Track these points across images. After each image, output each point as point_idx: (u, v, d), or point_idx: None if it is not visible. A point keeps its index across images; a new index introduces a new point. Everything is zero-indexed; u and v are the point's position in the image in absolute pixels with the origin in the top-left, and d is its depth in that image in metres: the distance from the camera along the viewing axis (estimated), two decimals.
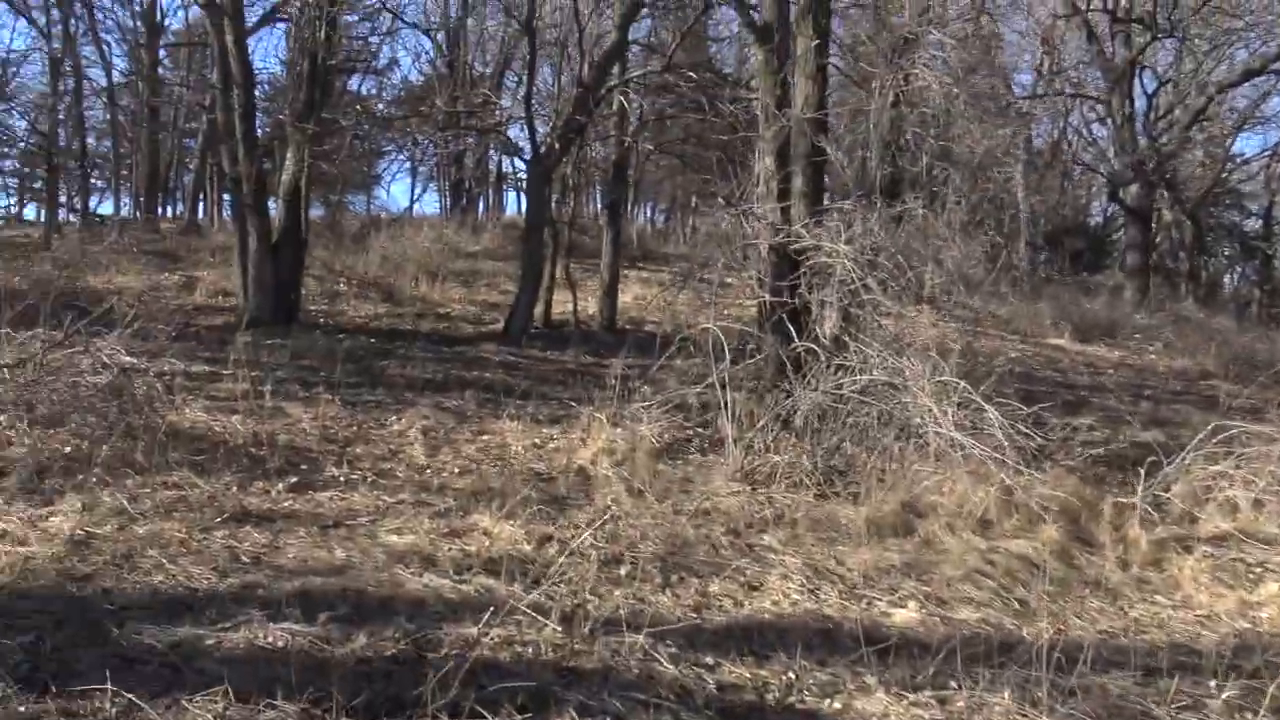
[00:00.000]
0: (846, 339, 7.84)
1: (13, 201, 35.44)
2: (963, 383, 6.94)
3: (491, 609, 4.23)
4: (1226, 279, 33.39)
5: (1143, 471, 8.02)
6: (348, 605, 4.41)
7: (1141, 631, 5.36)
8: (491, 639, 4.10)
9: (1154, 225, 23.94)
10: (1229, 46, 21.32)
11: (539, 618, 4.21)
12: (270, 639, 3.99)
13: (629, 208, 25.98)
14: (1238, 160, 29.77)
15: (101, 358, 7.12)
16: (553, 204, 15.33)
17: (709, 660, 4.25)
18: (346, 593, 4.56)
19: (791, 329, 8.03)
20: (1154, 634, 5.33)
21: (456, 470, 7.09)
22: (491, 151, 28.19)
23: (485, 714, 3.45)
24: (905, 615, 5.13)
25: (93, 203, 29.73)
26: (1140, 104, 23.18)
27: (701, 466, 7.76)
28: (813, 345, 7.78)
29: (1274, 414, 9.20)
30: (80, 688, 3.42)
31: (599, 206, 32.26)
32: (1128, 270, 23.16)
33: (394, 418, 8.51)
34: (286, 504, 5.96)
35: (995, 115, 9.79)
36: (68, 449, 6.47)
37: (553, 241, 14.72)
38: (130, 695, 3.34)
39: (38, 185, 32.70)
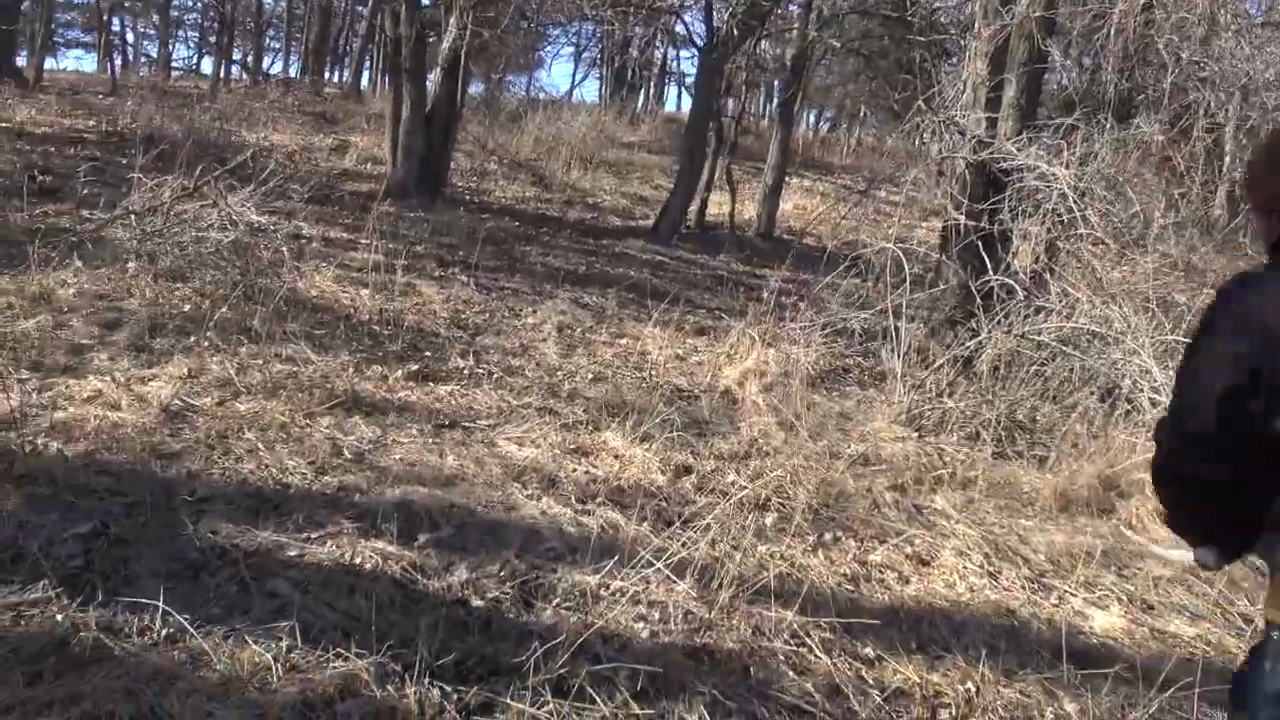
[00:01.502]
0: (1048, 277, 6.75)
1: (192, 55, 36.24)
2: None
3: (616, 558, 3.55)
4: None
5: None
6: (452, 526, 3.80)
7: None
8: (612, 594, 3.42)
9: None
10: None
11: (670, 575, 3.50)
12: (359, 559, 3.41)
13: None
14: None
15: (230, 214, 6.66)
16: (720, 98, 14.31)
17: (870, 652, 3.48)
18: (453, 510, 3.94)
19: (985, 259, 6.97)
20: None
21: (590, 376, 6.42)
22: (658, 43, 27.12)
23: (596, 698, 2.79)
24: (1107, 620, 4.23)
25: (265, 63, 30.08)
26: None
27: (861, 403, 6.88)
28: (1009, 280, 6.72)
29: None
30: (130, 599, 2.90)
31: (763, 108, 30.94)
32: None
33: (530, 309, 7.89)
34: (403, 394, 5.40)
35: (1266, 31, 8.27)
36: (186, 307, 6.06)
37: (715, 138, 13.73)
38: (184, 618, 2.80)
39: (214, 40, 33.22)
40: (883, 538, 4.56)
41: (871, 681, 3.28)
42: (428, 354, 6.27)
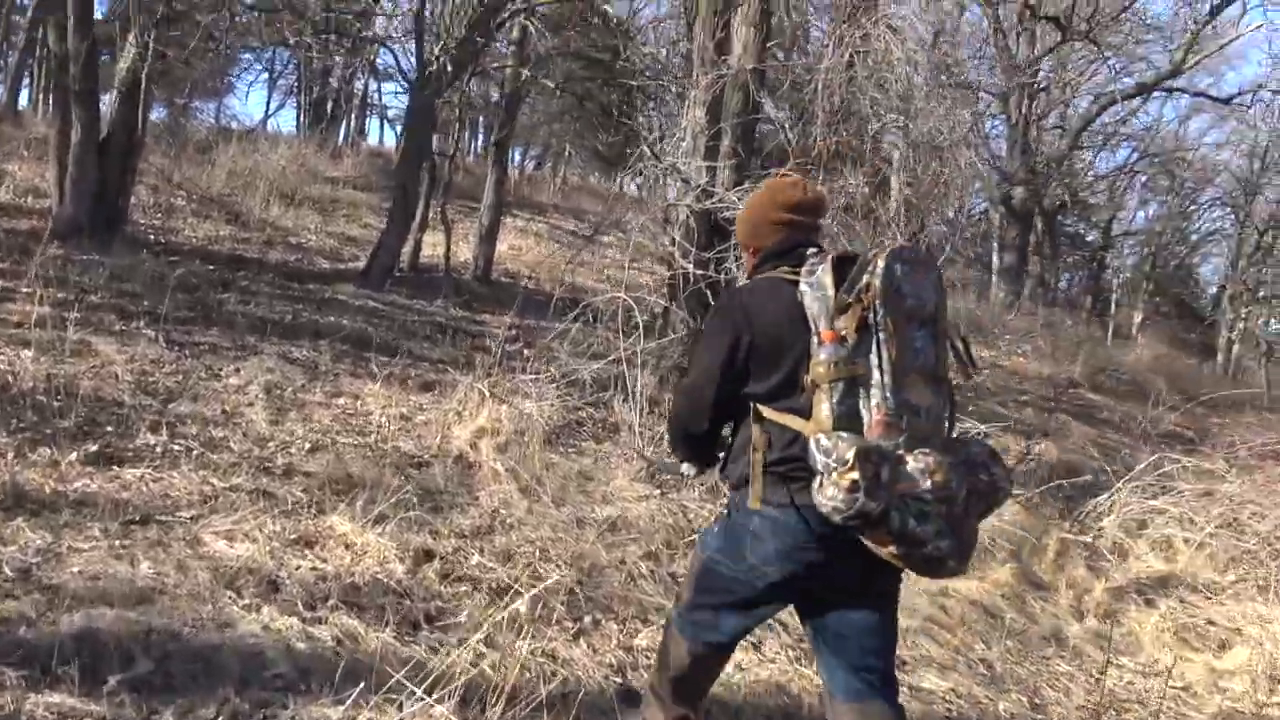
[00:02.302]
0: None
1: None
2: None
3: (361, 683, 3.03)
4: (1061, 285, 35.49)
5: (1073, 500, 7.52)
6: (150, 659, 3.12)
7: (1123, 709, 4.60)
8: None
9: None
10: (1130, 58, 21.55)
11: (428, 700, 3.03)
12: None
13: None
14: (1092, 174, 31.00)
15: None
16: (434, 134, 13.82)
17: None
18: (151, 636, 3.25)
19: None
20: (1136, 712, 4.59)
21: (307, 446, 5.76)
22: (360, 74, 26.12)
23: None
24: None
25: None
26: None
27: (599, 458, 6.67)
28: None
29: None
30: None
31: (469, 147, 30.60)
32: (1000, 270, 23.44)
33: (231, 367, 7.05)
34: (79, 484, 4.53)
35: (954, 94, 8.94)
36: None
37: (429, 176, 13.21)
38: None
39: None
40: (644, 616, 4.31)
41: None
42: (109, 429, 5.36)
